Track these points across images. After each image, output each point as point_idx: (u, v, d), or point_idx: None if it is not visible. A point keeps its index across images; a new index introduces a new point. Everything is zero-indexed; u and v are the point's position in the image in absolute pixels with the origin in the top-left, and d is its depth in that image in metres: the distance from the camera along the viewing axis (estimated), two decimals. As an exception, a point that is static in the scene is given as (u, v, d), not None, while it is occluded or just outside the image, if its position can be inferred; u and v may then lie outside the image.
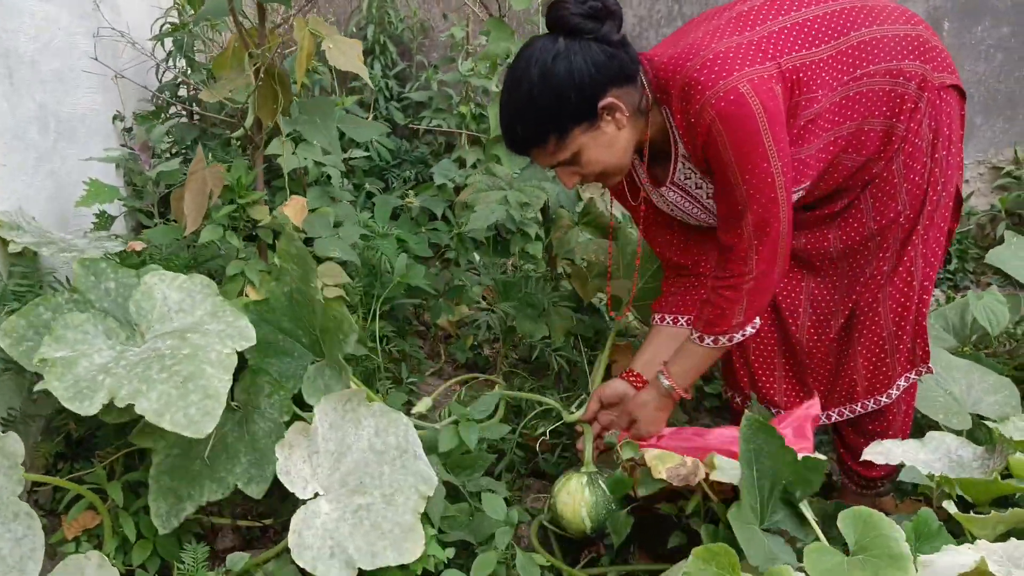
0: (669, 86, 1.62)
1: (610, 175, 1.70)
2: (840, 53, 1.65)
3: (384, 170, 3.48)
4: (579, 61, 1.55)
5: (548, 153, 1.62)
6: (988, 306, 2.28)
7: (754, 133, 1.54)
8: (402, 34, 3.83)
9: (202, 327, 1.43)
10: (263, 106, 1.95)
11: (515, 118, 1.61)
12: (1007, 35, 3.49)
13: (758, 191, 1.59)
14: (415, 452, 1.31)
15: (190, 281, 1.60)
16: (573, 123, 1.58)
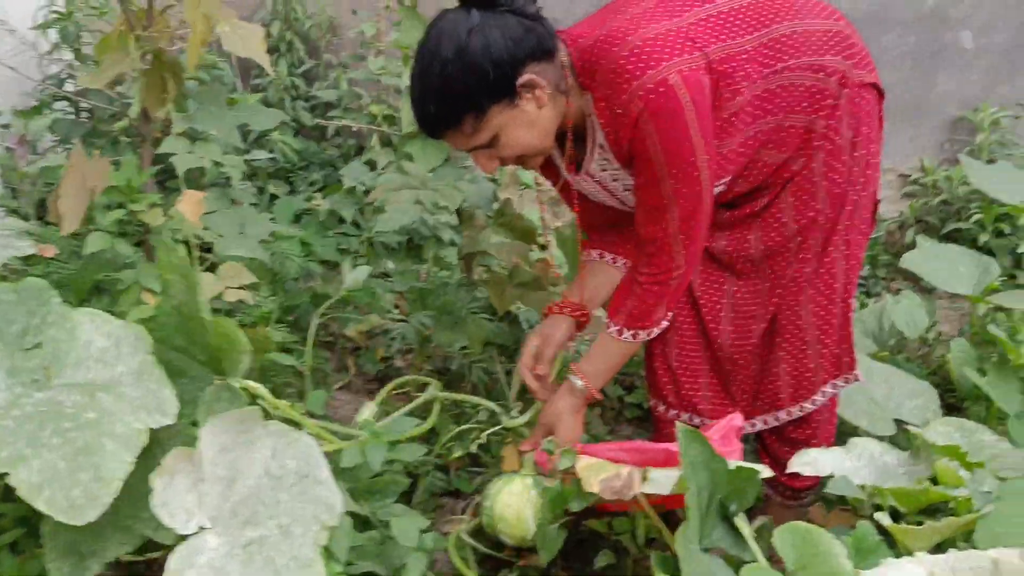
0: (594, 71, 1.54)
1: (530, 157, 1.61)
2: (763, 45, 1.60)
3: (290, 172, 3.32)
4: (495, 35, 1.44)
5: (465, 135, 1.51)
6: (907, 310, 2.28)
7: (683, 127, 1.48)
8: (310, 31, 3.67)
9: (118, 388, 1.24)
10: (150, 94, 1.78)
11: (428, 98, 1.49)
12: (913, 45, 3.57)
13: (685, 185, 1.53)
14: (317, 476, 1.17)
15: (124, 329, 1.38)
16: (491, 101, 1.47)
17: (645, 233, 1.62)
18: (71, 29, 2.99)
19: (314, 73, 3.72)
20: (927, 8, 3.53)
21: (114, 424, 1.17)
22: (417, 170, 2.03)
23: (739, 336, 1.84)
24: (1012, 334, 2.38)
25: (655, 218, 1.59)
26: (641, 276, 1.67)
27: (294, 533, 1.14)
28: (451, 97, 1.46)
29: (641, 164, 1.55)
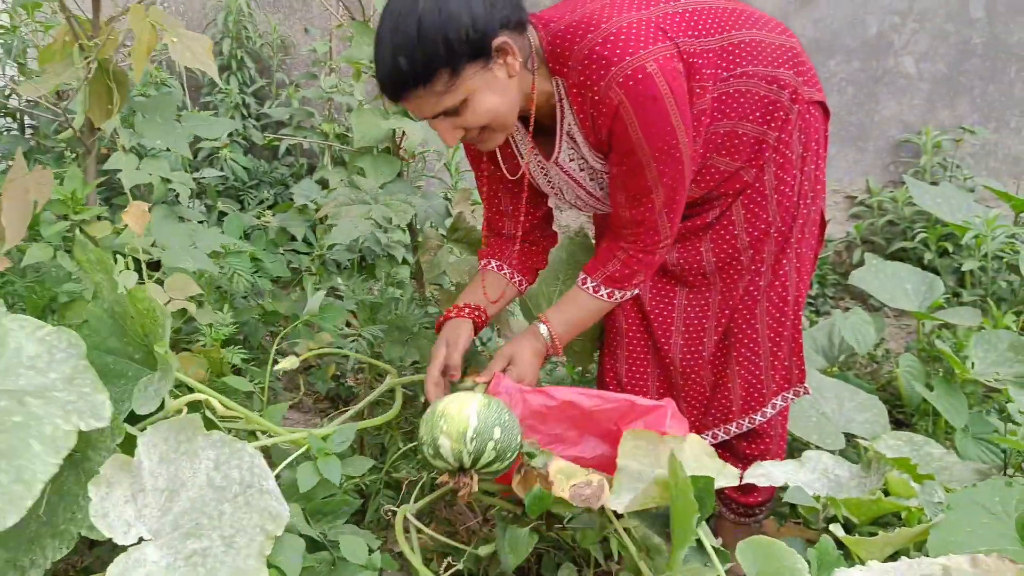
0: (567, 56, 1.52)
1: (495, 131, 1.54)
2: (723, 48, 1.62)
3: (240, 191, 3.27)
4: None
5: (435, 94, 1.43)
6: (855, 326, 2.31)
7: (663, 113, 1.48)
8: (261, 50, 3.64)
9: (50, 392, 1.19)
10: (95, 105, 1.73)
11: (401, 50, 1.39)
12: (857, 70, 3.66)
13: (668, 167, 1.54)
14: (261, 486, 1.13)
15: (56, 335, 1.32)
16: (467, 60, 1.41)
17: (628, 216, 1.62)
18: (15, 43, 2.93)
19: (265, 91, 3.68)
20: (870, 35, 3.63)
21: (43, 426, 1.12)
22: (369, 185, 2.01)
23: (691, 350, 1.84)
24: (957, 349, 2.43)
25: (639, 202, 1.60)
26: (627, 246, 1.67)
27: (238, 544, 1.10)
28: (427, 50, 1.38)
29: (623, 152, 1.54)
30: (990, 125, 3.68)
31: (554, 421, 1.60)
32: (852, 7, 3.60)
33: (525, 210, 1.82)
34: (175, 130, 1.77)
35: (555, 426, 1.61)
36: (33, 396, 1.20)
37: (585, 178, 1.71)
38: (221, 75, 3.56)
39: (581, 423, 1.60)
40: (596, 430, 1.61)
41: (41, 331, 1.31)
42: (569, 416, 1.60)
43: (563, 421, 1.61)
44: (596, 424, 1.60)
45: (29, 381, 1.24)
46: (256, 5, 3.64)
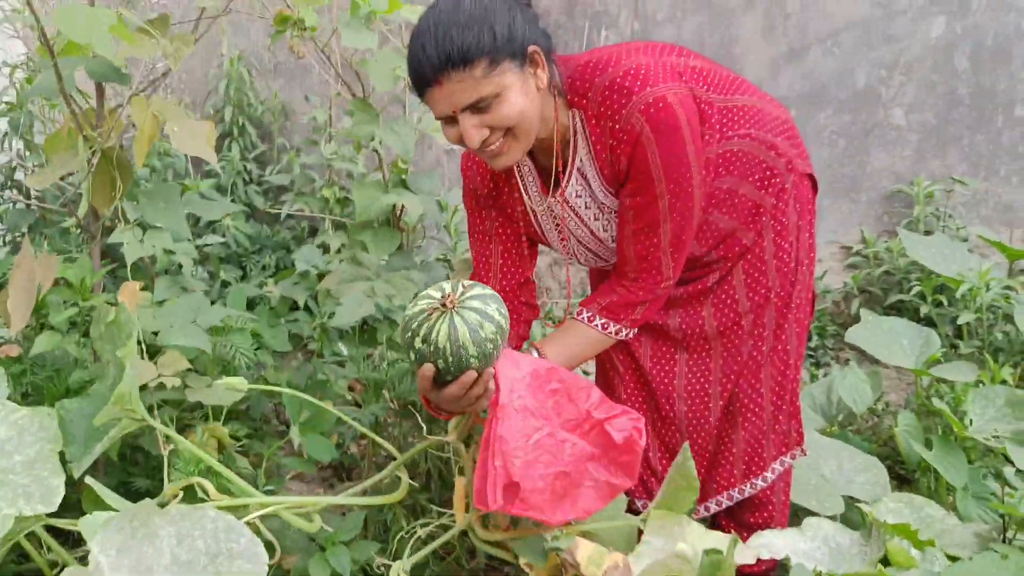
0: (587, 89, 1.57)
1: (516, 138, 1.52)
2: (727, 108, 1.68)
3: (242, 257, 3.31)
4: (514, 5, 1.47)
5: (473, 79, 1.43)
6: (852, 385, 2.33)
7: (681, 144, 1.52)
8: (262, 116, 3.71)
9: (8, 475, 1.23)
10: (98, 193, 1.78)
11: (449, 30, 1.41)
12: (848, 123, 3.72)
13: (680, 201, 1.57)
14: (230, 550, 1.13)
15: (28, 418, 1.36)
16: (506, 56, 1.44)
17: (634, 251, 1.63)
18: (22, 119, 2.99)
19: (267, 157, 3.74)
20: (859, 88, 3.69)
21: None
22: (370, 260, 2.05)
23: (696, 416, 1.86)
24: (955, 404, 2.44)
25: (646, 236, 1.61)
26: (628, 284, 1.68)
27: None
28: (473, 33, 1.41)
29: (640, 181, 1.56)
30: (980, 174, 3.73)
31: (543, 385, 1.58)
32: (840, 60, 3.67)
33: (513, 267, 1.82)
34: (176, 213, 1.81)
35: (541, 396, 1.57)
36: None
37: (590, 216, 1.72)
38: (223, 141, 3.62)
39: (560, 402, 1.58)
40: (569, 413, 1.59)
41: (15, 415, 1.36)
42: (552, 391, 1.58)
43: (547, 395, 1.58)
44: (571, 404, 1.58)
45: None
46: (257, 73, 3.72)
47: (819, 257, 3.78)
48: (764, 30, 3.63)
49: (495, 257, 1.85)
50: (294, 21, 1.90)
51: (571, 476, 1.54)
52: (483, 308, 1.41)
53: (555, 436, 1.54)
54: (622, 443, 1.53)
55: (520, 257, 1.84)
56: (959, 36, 3.64)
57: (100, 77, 1.76)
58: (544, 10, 3.65)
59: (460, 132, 1.49)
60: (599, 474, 1.55)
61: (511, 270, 1.84)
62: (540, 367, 1.57)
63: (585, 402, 1.57)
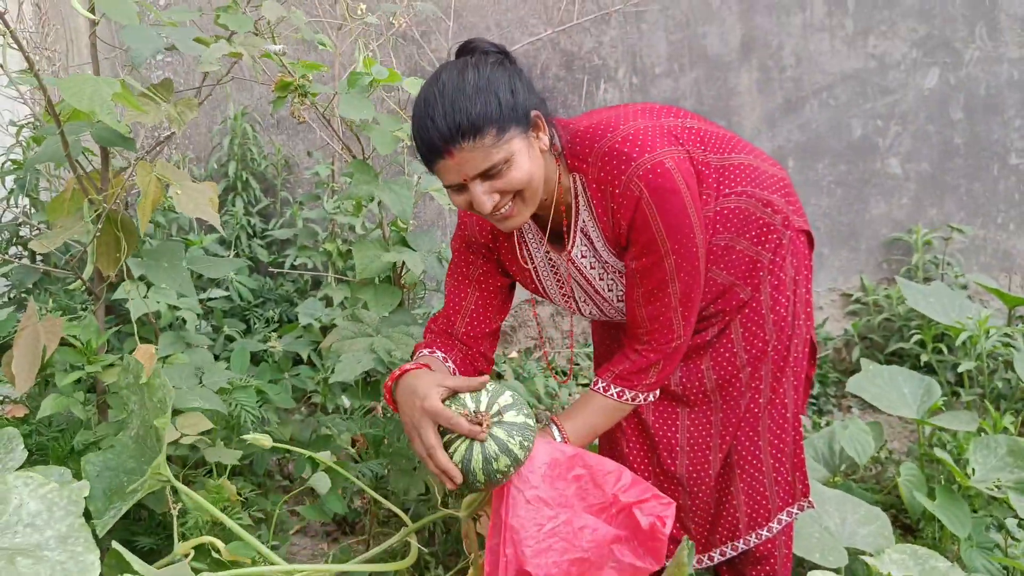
0: (587, 154, 1.60)
1: (525, 201, 1.56)
2: (723, 167, 1.72)
3: (246, 310, 3.33)
4: (513, 72, 1.52)
5: (483, 148, 1.46)
6: (854, 436, 2.33)
7: (681, 206, 1.56)
8: (265, 170, 3.76)
9: (42, 551, 1.23)
10: (103, 256, 1.81)
11: (456, 103, 1.46)
12: (844, 172, 3.76)
13: (686, 261, 1.59)
14: None
15: (58, 492, 1.36)
16: (511, 122, 1.48)
17: (644, 313, 1.65)
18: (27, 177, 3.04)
19: (270, 210, 3.79)
20: (855, 138, 3.74)
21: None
22: (370, 317, 2.07)
23: (697, 469, 1.86)
24: (958, 453, 2.43)
25: (655, 297, 1.63)
26: (640, 347, 1.69)
27: None
28: (480, 105, 1.45)
29: (642, 244, 1.59)
30: (977, 221, 3.76)
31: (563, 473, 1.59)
32: (836, 112, 3.72)
33: (485, 315, 1.84)
34: (180, 273, 1.84)
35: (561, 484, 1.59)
36: (25, 555, 1.24)
37: (595, 276, 1.75)
38: (227, 196, 3.67)
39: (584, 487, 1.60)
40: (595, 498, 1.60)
41: (44, 488, 1.36)
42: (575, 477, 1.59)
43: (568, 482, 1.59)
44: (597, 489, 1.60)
45: (25, 539, 1.28)
46: (260, 128, 3.78)
47: (820, 304, 3.80)
48: (760, 83, 3.69)
49: (469, 302, 1.85)
50: (295, 87, 1.95)
51: (591, 561, 1.56)
52: (505, 440, 1.49)
53: (572, 524, 1.56)
54: (647, 528, 1.55)
55: (494, 308, 1.87)
56: (952, 88, 3.70)
57: (105, 142, 1.79)
58: (544, 65, 3.72)
59: (470, 199, 1.52)
60: (624, 556, 1.56)
61: (482, 318, 1.85)
62: (561, 455, 1.59)
63: (613, 486, 1.59)
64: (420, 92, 1.53)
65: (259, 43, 1.86)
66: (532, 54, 3.72)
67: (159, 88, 1.87)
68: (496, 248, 1.83)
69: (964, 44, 3.69)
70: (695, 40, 3.70)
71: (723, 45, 3.69)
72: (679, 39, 3.70)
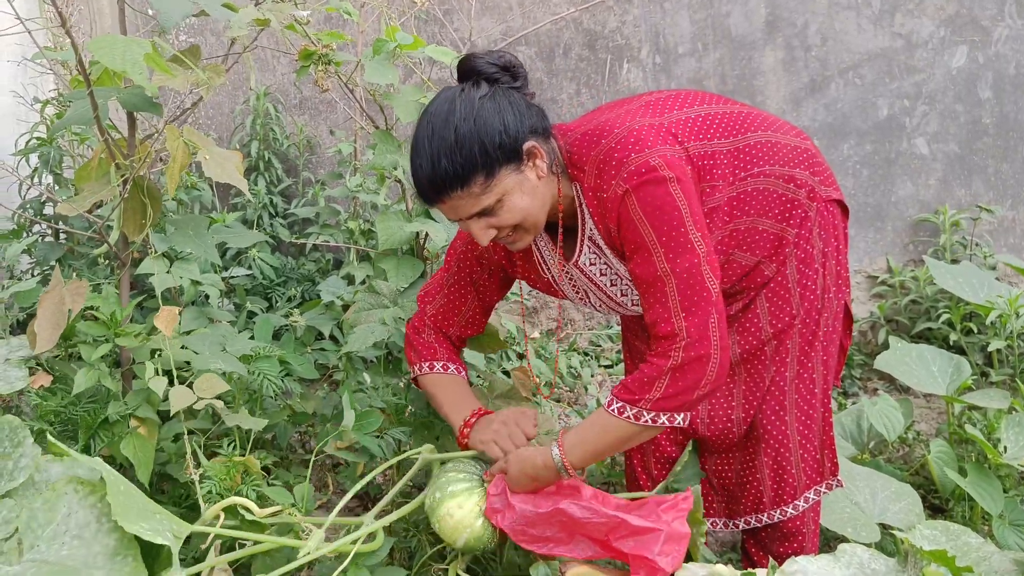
0: (584, 162, 1.60)
1: (526, 230, 1.60)
2: (738, 150, 1.68)
3: (268, 288, 3.33)
4: (504, 103, 1.52)
5: (472, 196, 1.50)
6: (883, 412, 2.29)
7: (670, 203, 1.51)
8: (288, 150, 3.76)
9: (90, 569, 1.18)
10: (129, 221, 1.80)
11: (441, 154, 1.48)
12: (870, 152, 3.71)
13: (679, 256, 1.51)
14: None
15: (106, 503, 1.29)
16: (501, 164, 1.51)
17: (649, 318, 1.58)
18: (52, 154, 3.05)
19: (292, 190, 3.78)
20: (881, 118, 3.69)
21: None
22: (388, 289, 2.06)
23: (719, 440, 1.85)
24: (989, 432, 2.40)
25: (653, 298, 1.55)
26: (650, 355, 1.59)
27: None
28: (464, 156, 1.48)
29: (632, 243, 1.55)
30: (1006, 202, 3.70)
31: (543, 525, 1.64)
32: (861, 92, 3.67)
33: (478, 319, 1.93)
34: (205, 241, 1.83)
35: (545, 529, 1.64)
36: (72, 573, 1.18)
37: (606, 282, 1.74)
38: (249, 176, 3.67)
39: (570, 528, 1.63)
40: (586, 534, 1.64)
41: (93, 496, 1.31)
42: (559, 522, 1.63)
43: (553, 526, 1.64)
44: (586, 531, 1.63)
45: (72, 552, 1.22)
46: (283, 108, 3.78)
47: (844, 287, 3.75)
48: (785, 63, 3.65)
49: (468, 308, 1.91)
50: (319, 56, 1.93)
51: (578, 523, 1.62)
52: None
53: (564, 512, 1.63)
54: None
55: (485, 313, 1.95)
56: (981, 66, 3.64)
57: (133, 107, 1.79)
58: (566, 44, 3.70)
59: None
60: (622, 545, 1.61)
61: (473, 324, 1.94)
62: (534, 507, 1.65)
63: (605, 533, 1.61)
64: (415, 127, 1.56)
65: (287, 9, 1.85)
66: (555, 33, 3.69)
67: (187, 54, 1.87)
68: (510, 265, 1.85)
69: (993, 22, 3.63)
70: (719, 19, 3.66)
71: (747, 24, 3.65)
72: (703, 18, 3.66)
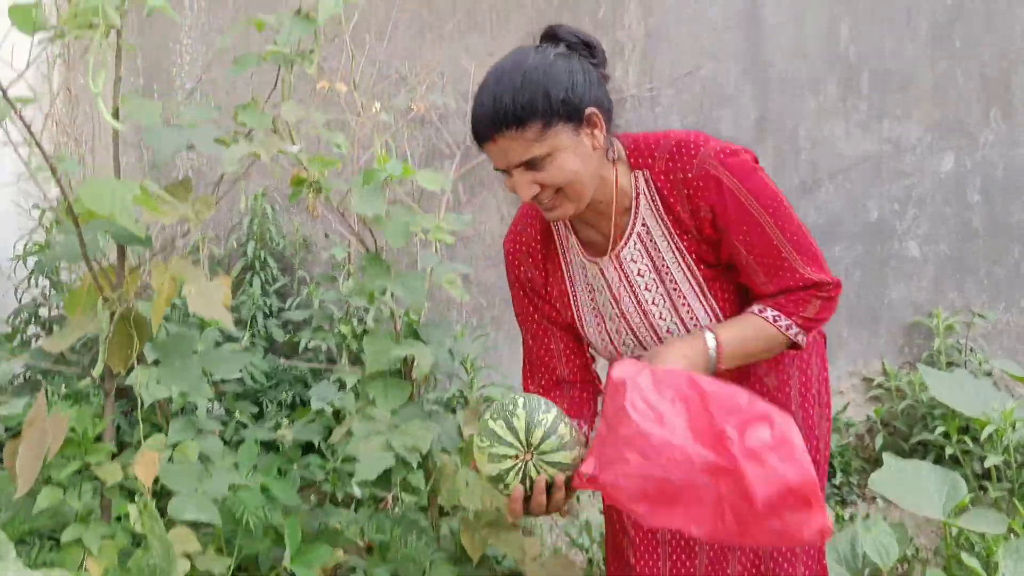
0: (651, 151, 1.59)
1: (569, 197, 1.54)
2: None
3: (259, 392, 3.31)
4: (577, 67, 1.51)
5: (525, 141, 1.48)
6: (877, 539, 2.25)
7: (761, 174, 1.56)
8: (284, 249, 3.78)
9: None
10: (115, 354, 1.81)
11: (504, 93, 1.47)
12: (862, 254, 3.73)
13: (785, 221, 1.54)
14: None
15: None
16: (560, 119, 1.48)
17: (777, 285, 1.56)
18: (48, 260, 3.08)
19: (288, 288, 3.80)
20: (872, 220, 3.73)
21: None
22: (381, 415, 2.05)
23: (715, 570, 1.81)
24: (986, 556, 2.35)
25: (777, 266, 1.55)
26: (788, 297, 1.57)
27: None
28: (527, 98, 1.46)
29: (737, 219, 1.55)
30: (1000, 305, 3.71)
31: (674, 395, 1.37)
32: (852, 194, 3.72)
33: (576, 350, 1.78)
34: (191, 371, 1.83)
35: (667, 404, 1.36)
36: None
37: (642, 285, 1.66)
38: (245, 275, 3.69)
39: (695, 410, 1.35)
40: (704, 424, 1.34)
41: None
42: (685, 397, 1.36)
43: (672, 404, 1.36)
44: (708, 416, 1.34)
45: None
46: (279, 208, 3.82)
47: (840, 389, 3.73)
48: (775, 166, 3.70)
49: (558, 343, 1.79)
50: (310, 183, 1.96)
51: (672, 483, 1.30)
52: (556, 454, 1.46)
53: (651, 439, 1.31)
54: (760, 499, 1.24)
55: (579, 339, 1.81)
56: (969, 171, 3.70)
57: (123, 241, 1.81)
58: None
59: (514, 184, 1.54)
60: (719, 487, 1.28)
61: (577, 351, 1.80)
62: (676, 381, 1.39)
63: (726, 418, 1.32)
64: (487, 73, 1.55)
65: (277, 143, 1.88)
66: (548, 137, 3.75)
67: (178, 187, 1.89)
68: (546, 277, 1.77)
69: (979, 127, 3.69)
70: (710, 123, 3.72)
71: (737, 128, 3.71)
72: (693, 122, 3.72)
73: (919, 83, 3.68)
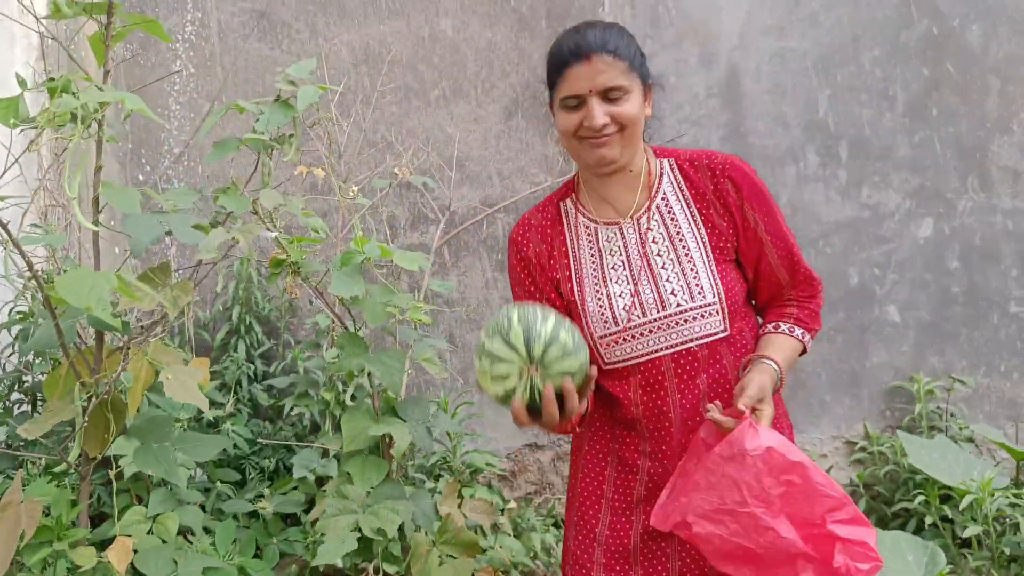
0: (674, 152, 1.80)
1: (623, 138, 1.68)
2: None
3: (241, 459, 3.31)
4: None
5: (617, 69, 1.64)
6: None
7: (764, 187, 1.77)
8: (269, 313, 3.80)
9: None
10: (91, 438, 1.82)
11: (610, 28, 1.67)
12: (843, 319, 3.77)
13: (782, 221, 1.77)
14: None
15: None
16: (639, 74, 1.68)
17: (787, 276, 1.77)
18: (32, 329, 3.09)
19: (273, 352, 3.81)
20: (852, 286, 3.77)
21: None
22: (356, 492, 2.05)
23: None
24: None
25: (788, 248, 1.76)
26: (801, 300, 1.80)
27: None
28: (627, 42, 1.67)
29: (759, 203, 1.74)
30: (980, 370, 3.74)
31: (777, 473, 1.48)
32: (832, 260, 3.76)
33: None
34: (167, 457, 1.84)
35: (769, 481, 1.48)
36: None
37: (654, 250, 1.73)
38: (229, 340, 3.71)
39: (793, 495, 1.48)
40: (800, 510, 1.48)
41: None
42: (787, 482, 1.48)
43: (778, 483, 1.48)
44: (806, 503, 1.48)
45: None
46: (265, 273, 3.85)
47: (824, 452, 3.75)
48: (756, 231, 3.75)
49: None
50: (288, 264, 1.99)
51: (761, 558, 1.49)
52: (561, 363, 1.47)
53: (758, 520, 1.47)
54: (838, 568, 1.45)
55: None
56: (947, 237, 3.75)
57: (101, 327, 1.83)
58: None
59: (582, 118, 1.65)
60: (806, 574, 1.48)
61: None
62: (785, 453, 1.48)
63: (827, 510, 1.47)
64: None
65: (256, 228, 1.91)
66: (532, 201, 3.80)
67: (157, 271, 1.92)
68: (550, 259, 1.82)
69: (957, 195, 3.75)
70: (692, 190, 3.77)
71: (719, 195, 3.76)
72: (676, 189, 3.78)
73: (897, 151, 3.75)
